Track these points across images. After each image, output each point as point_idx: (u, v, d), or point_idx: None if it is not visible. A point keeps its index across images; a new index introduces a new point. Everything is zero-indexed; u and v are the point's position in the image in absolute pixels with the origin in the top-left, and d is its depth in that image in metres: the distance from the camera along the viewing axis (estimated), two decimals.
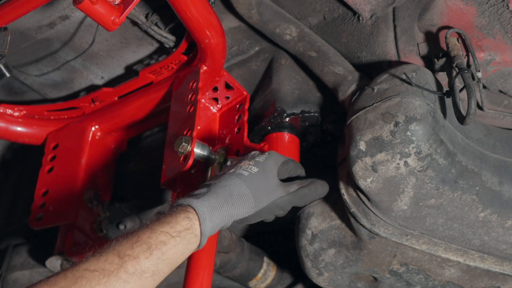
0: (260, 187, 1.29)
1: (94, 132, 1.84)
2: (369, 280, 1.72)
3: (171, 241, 1.15)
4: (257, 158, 1.35)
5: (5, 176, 2.23)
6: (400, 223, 1.44)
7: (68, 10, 1.66)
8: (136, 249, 1.11)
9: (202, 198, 1.22)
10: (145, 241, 1.13)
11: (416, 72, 1.39)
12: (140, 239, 1.13)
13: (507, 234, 1.43)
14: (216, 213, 1.22)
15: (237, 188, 1.27)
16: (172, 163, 1.52)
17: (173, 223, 1.17)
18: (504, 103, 1.54)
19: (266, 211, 1.31)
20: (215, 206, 1.22)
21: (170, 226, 1.16)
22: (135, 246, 1.12)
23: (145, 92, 1.78)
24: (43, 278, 1.09)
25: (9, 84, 1.95)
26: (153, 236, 1.14)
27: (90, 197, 1.77)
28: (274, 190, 1.32)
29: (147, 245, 1.12)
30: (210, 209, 1.21)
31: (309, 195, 1.39)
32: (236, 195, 1.26)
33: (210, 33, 1.52)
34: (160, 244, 1.13)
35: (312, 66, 1.63)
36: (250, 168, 1.31)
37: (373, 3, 1.50)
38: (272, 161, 1.36)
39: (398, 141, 1.31)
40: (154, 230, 1.15)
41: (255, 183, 1.29)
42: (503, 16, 1.40)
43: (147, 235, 1.14)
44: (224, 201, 1.24)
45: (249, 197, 1.27)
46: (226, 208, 1.23)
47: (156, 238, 1.13)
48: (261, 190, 1.29)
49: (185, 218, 1.18)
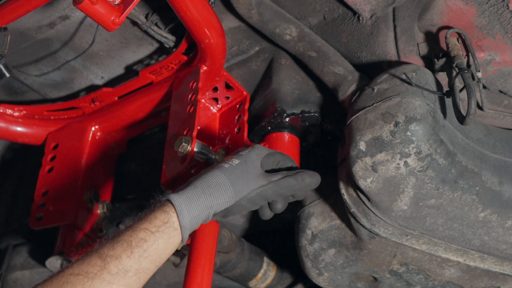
0: (239, 176, 1.26)
1: (94, 132, 1.84)
2: (369, 280, 1.72)
3: (151, 237, 1.14)
4: (240, 152, 1.32)
5: (5, 176, 2.23)
6: (400, 223, 1.44)
7: (68, 10, 1.66)
8: (118, 249, 1.11)
9: (180, 191, 1.22)
10: (125, 239, 1.12)
11: (416, 72, 1.39)
12: (121, 238, 1.13)
13: (507, 234, 1.43)
14: (194, 204, 1.20)
15: (215, 178, 1.24)
16: (172, 163, 1.52)
17: (151, 219, 1.16)
18: (504, 103, 1.54)
19: (248, 201, 1.26)
20: (192, 197, 1.20)
21: (148, 222, 1.16)
22: (116, 246, 1.11)
23: (145, 92, 1.78)
24: (43, 278, 1.09)
25: (9, 84, 1.95)
26: (133, 234, 1.13)
27: (90, 197, 1.77)
28: (255, 179, 1.27)
29: (127, 244, 1.12)
30: (187, 200, 1.19)
31: (296, 185, 1.29)
32: (214, 186, 1.23)
33: (210, 33, 1.52)
34: (140, 241, 1.13)
35: (312, 66, 1.63)
36: (231, 161, 1.28)
37: (373, 3, 1.50)
38: (255, 153, 1.31)
39: (398, 141, 1.31)
40: (134, 228, 1.15)
41: (234, 173, 1.26)
42: (503, 16, 1.40)
43: (128, 233, 1.14)
44: (201, 192, 1.21)
45: (227, 187, 1.24)
46: (204, 198, 1.21)
47: (136, 236, 1.13)
48: (240, 180, 1.25)
49: (162, 212, 1.17)
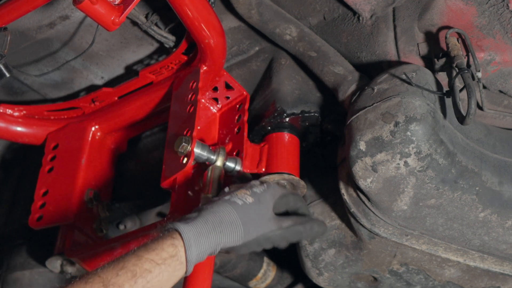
0: (252, 218, 1.26)
1: (94, 132, 1.84)
2: (369, 280, 1.72)
3: (156, 269, 1.13)
4: (254, 189, 1.32)
5: (5, 176, 2.23)
6: (400, 223, 1.44)
7: (68, 10, 1.66)
8: (121, 277, 1.10)
9: (191, 223, 1.20)
10: (130, 268, 1.11)
11: (416, 72, 1.39)
12: (125, 266, 1.11)
13: (507, 234, 1.43)
14: (203, 240, 1.19)
15: (228, 216, 1.24)
16: (172, 163, 1.52)
17: (158, 250, 1.15)
18: (504, 103, 1.54)
19: (255, 243, 1.28)
20: (202, 232, 1.19)
21: (155, 253, 1.14)
22: (120, 273, 1.10)
23: (145, 92, 1.78)
24: (43, 278, 1.09)
25: (9, 84, 1.95)
26: (139, 263, 1.12)
27: (90, 197, 1.77)
28: (266, 223, 1.28)
29: (132, 273, 1.11)
30: (196, 235, 1.19)
31: (304, 233, 1.33)
32: (225, 223, 1.23)
33: (210, 33, 1.52)
34: (145, 272, 1.12)
35: (312, 66, 1.63)
36: (245, 198, 1.28)
37: (373, 3, 1.50)
38: (269, 193, 1.33)
39: (398, 141, 1.31)
40: (140, 257, 1.13)
41: (247, 214, 1.26)
42: (503, 16, 1.40)
43: (133, 262, 1.12)
44: (212, 227, 1.21)
45: (238, 227, 1.24)
46: (214, 235, 1.21)
47: (142, 266, 1.12)
48: (252, 222, 1.26)
49: (170, 245, 1.16)
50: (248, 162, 1.57)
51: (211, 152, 1.52)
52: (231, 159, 1.54)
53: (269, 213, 1.30)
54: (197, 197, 1.58)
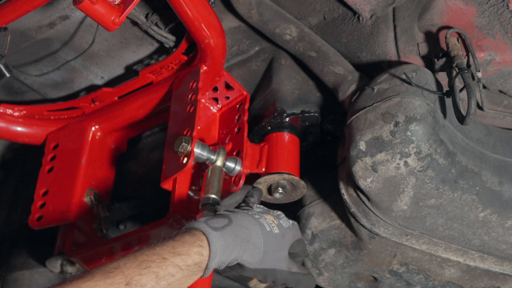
0: (272, 249, 1.28)
1: (94, 132, 1.84)
2: (369, 280, 1.72)
3: (179, 274, 1.14)
4: (281, 221, 1.34)
5: (5, 176, 2.23)
6: (400, 223, 1.44)
7: (68, 10, 1.66)
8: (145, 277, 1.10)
9: (221, 232, 1.21)
10: (154, 270, 1.11)
11: (416, 72, 1.39)
12: (149, 266, 1.11)
13: (507, 234, 1.43)
14: (227, 254, 1.21)
15: (255, 237, 1.25)
16: (172, 163, 1.52)
17: (184, 256, 1.15)
18: (504, 103, 1.54)
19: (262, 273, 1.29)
20: (229, 246, 1.21)
21: (181, 258, 1.15)
22: (144, 273, 1.10)
23: (145, 92, 1.78)
24: (42, 278, 1.09)
25: (9, 84, 1.95)
26: (163, 266, 1.12)
27: (90, 197, 1.77)
28: (281, 260, 1.31)
29: (155, 275, 1.11)
30: (223, 248, 1.20)
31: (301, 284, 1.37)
32: (251, 243, 1.25)
33: (210, 33, 1.52)
34: (168, 275, 1.12)
35: (312, 66, 1.63)
36: (272, 226, 1.30)
37: (373, 3, 1.50)
38: (292, 233, 1.36)
39: (398, 141, 1.31)
40: (165, 259, 1.13)
41: (270, 243, 1.28)
42: (503, 16, 1.40)
43: (157, 263, 1.12)
44: (239, 244, 1.22)
45: (259, 253, 1.26)
46: (238, 251, 1.23)
47: (166, 269, 1.13)
48: (271, 253, 1.28)
49: (197, 252, 1.17)
50: (248, 162, 1.57)
51: (211, 152, 1.52)
52: (231, 159, 1.55)
53: (285, 252, 1.33)
54: (197, 197, 1.58)
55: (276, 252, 1.29)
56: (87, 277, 1.07)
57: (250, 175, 1.58)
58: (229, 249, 1.21)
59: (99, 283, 1.06)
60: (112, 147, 1.91)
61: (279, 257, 1.30)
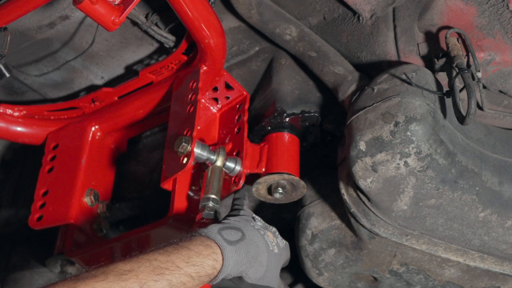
0: (271, 268, 1.32)
1: (94, 132, 1.84)
2: (369, 280, 1.72)
3: (190, 283, 1.16)
4: (278, 240, 1.38)
5: (5, 176, 2.23)
6: (400, 223, 1.44)
7: (68, 10, 1.66)
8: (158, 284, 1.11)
9: (235, 247, 1.24)
10: (167, 277, 1.13)
11: (416, 72, 1.39)
12: (163, 273, 1.13)
13: (507, 234, 1.43)
14: (237, 268, 1.24)
15: (262, 255, 1.29)
16: (172, 163, 1.52)
17: (199, 268, 1.18)
18: (504, 103, 1.54)
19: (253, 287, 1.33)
20: (240, 262, 1.24)
21: (195, 270, 1.17)
22: (158, 279, 1.11)
23: (145, 92, 1.78)
24: (43, 278, 1.09)
25: (9, 84, 1.96)
26: (177, 274, 1.14)
27: (90, 197, 1.77)
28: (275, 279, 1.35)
29: (168, 283, 1.13)
30: (235, 263, 1.23)
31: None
32: (258, 261, 1.28)
33: (210, 33, 1.52)
34: (180, 284, 1.14)
35: (312, 66, 1.63)
36: (273, 245, 1.34)
37: (373, 3, 1.50)
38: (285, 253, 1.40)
39: (398, 141, 1.31)
40: (179, 268, 1.15)
41: (272, 262, 1.32)
42: (503, 16, 1.40)
43: (170, 271, 1.14)
44: (249, 260, 1.26)
45: (263, 270, 1.29)
46: (246, 267, 1.26)
47: (179, 277, 1.14)
48: (270, 271, 1.31)
49: (211, 266, 1.19)
50: (248, 162, 1.57)
51: (211, 152, 1.52)
52: (231, 159, 1.55)
53: (279, 270, 1.37)
54: (197, 197, 1.58)
55: (273, 270, 1.33)
56: (100, 276, 1.07)
57: (250, 175, 1.58)
58: (240, 265, 1.24)
59: (113, 285, 1.07)
60: (112, 147, 1.91)
61: (275, 276, 1.34)
